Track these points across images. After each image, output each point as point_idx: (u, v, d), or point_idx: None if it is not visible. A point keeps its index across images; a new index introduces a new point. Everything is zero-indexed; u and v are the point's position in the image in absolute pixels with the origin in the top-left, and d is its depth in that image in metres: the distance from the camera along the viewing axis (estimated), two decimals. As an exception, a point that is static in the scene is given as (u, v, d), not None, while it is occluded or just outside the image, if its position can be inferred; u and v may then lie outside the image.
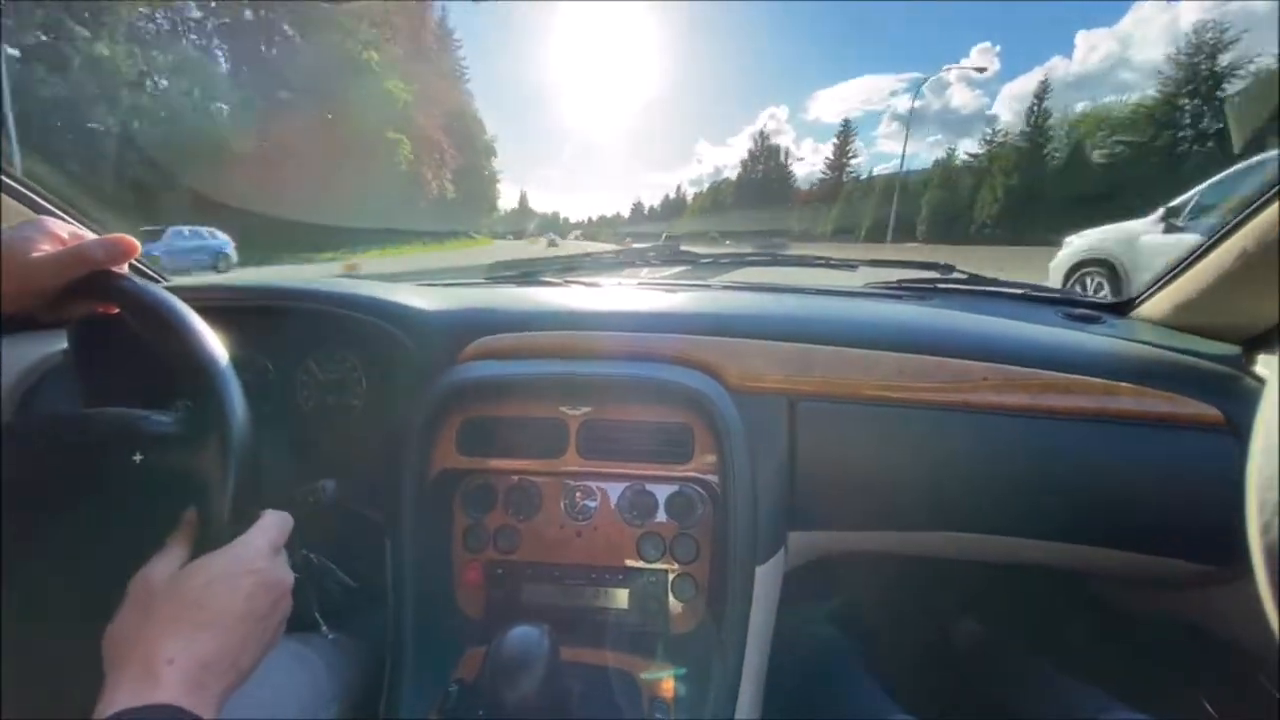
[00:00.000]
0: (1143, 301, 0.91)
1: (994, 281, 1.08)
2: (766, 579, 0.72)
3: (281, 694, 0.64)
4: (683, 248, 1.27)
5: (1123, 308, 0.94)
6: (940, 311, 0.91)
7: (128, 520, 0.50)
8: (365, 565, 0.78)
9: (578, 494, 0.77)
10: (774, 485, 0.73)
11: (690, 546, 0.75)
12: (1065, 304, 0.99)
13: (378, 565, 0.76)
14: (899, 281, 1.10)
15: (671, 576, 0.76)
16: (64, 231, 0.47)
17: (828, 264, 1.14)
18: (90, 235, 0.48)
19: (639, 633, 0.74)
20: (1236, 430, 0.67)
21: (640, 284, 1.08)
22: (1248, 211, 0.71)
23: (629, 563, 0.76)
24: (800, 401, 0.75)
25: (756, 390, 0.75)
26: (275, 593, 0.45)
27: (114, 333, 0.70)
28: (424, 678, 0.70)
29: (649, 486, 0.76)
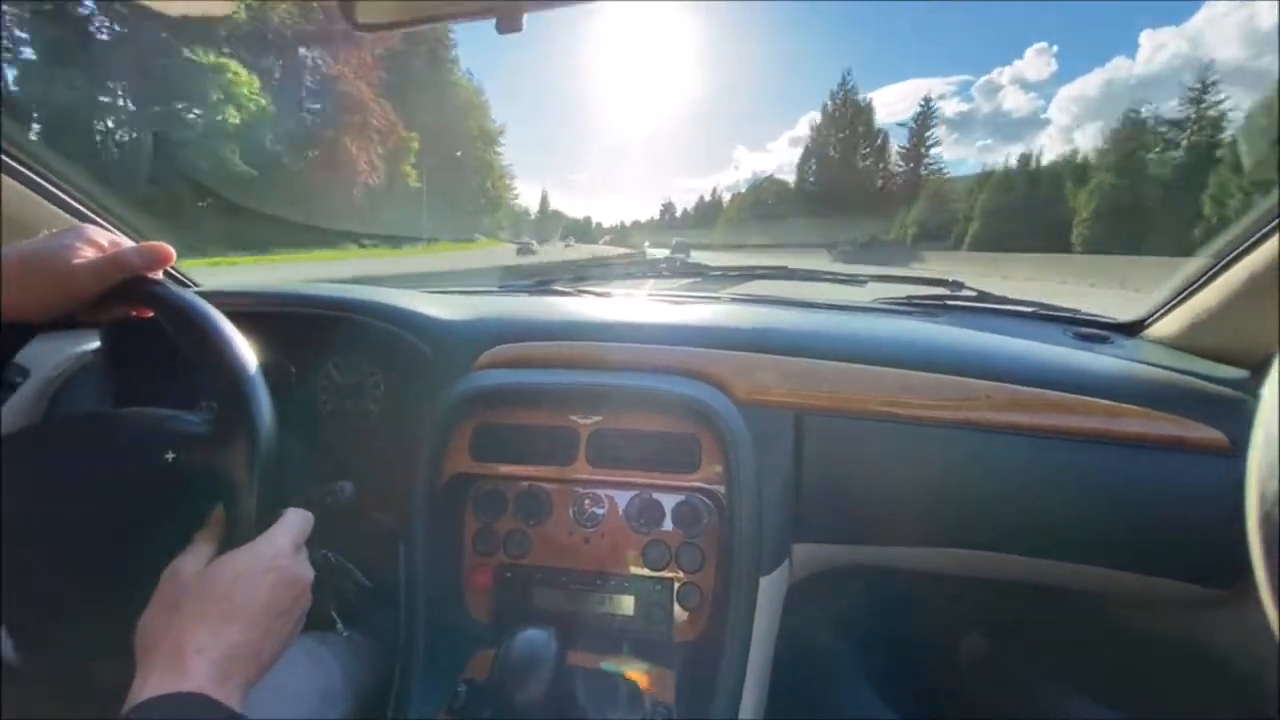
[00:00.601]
0: (1152, 322, 0.91)
1: (1003, 299, 1.08)
2: (770, 589, 0.73)
3: (296, 689, 0.66)
4: (692, 259, 1.29)
5: (1132, 328, 0.94)
6: (947, 329, 0.92)
7: (157, 516, 0.52)
8: (379, 566, 0.80)
9: (586, 501, 0.79)
10: (779, 497, 0.74)
11: (695, 555, 0.77)
12: (1074, 323, 0.99)
13: (391, 566, 0.78)
14: (907, 298, 1.11)
15: (677, 585, 0.77)
16: (104, 239, 0.49)
17: (836, 279, 1.15)
18: (129, 243, 0.51)
19: (644, 639, 0.75)
20: (1241, 455, 0.67)
21: (651, 295, 1.10)
22: (1260, 234, 0.71)
23: (635, 570, 0.77)
24: (806, 415, 0.76)
25: (763, 403, 0.76)
26: (296, 588, 0.47)
27: (146, 335, 0.73)
28: (434, 677, 0.72)
29: (656, 495, 0.78)
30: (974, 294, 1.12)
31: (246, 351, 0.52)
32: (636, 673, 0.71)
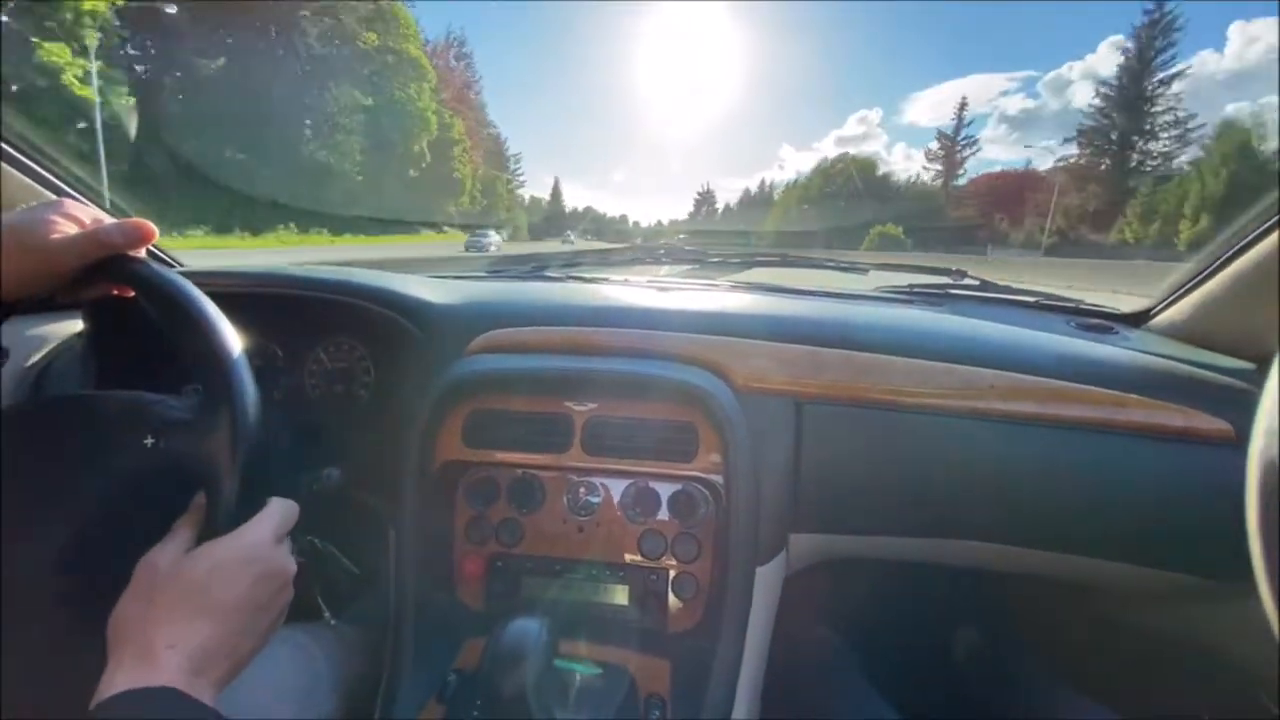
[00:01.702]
0: (1158, 313, 0.90)
1: (1006, 289, 1.07)
2: (767, 580, 0.72)
3: (281, 680, 0.65)
4: (691, 246, 1.27)
5: (1137, 319, 0.93)
6: (949, 317, 0.90)
7: (135, 502, 0.51)
8: (368, 553, 0.78)
9: (581, 489, 0.77)
10: (777, 486, 0.73)
11: (692, 545, 0.75)
12: (1078, 313, 0.98)
13: (380, 553, 0.77)
14: (910, 286, 1.10)
15: (672, 574, 0.76)
16: (84, 214, 0.48)
17: (838, 266, 1.13)
18: (109, 219, 0.49)
19: (638, 630, 0.74)
20: (1246, 446, 0.66)
21: (650, 281, 1.08)
22: (1267, 225, 0.70)
23: (630, 559, 0.76)
24: (806, 404, 0.74)
25: (762, 391, 0.75)
26: (277, 582, 0.46)
27: (128, 316, 0.71)
28: (423, 666, 0.71)
29: (652, 484, 0.76)
30: (977, 283, 1.10)
31: (231, 334, 0.50)
32: (628, 661, 0.70)
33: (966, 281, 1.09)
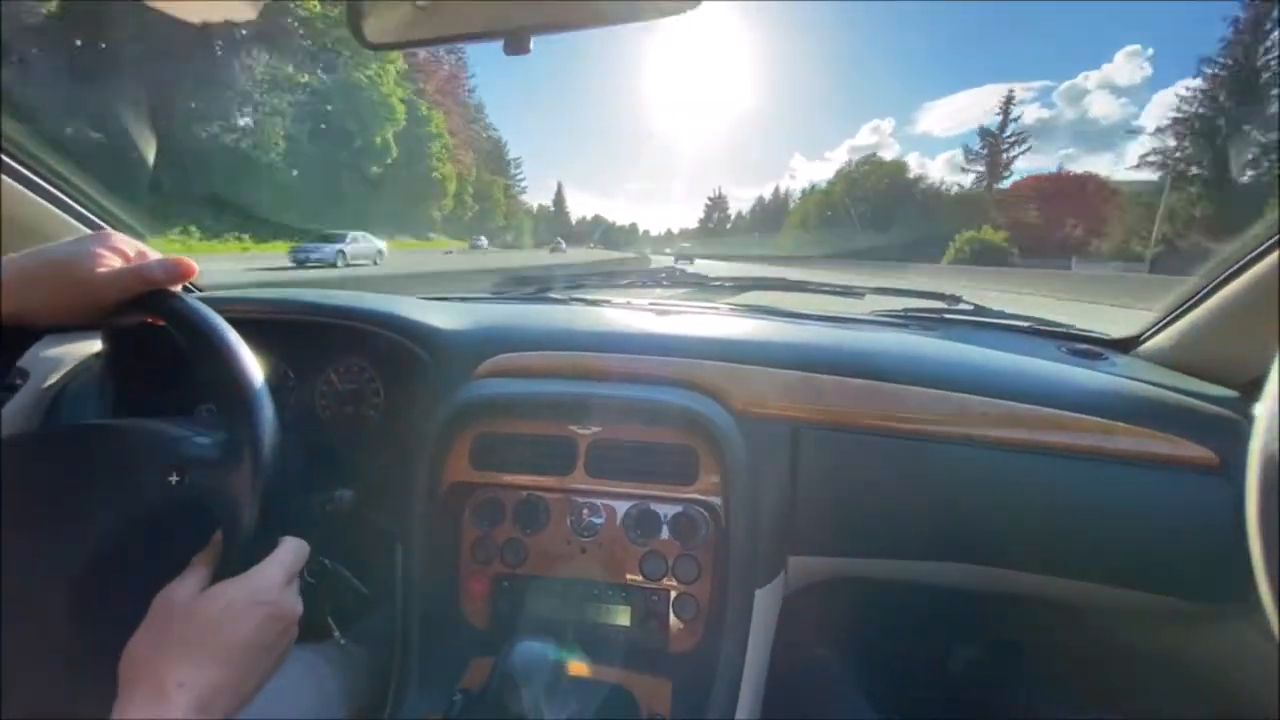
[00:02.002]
0: (1145, 340, 0.92)
1: (999, 314, 1.09)
2: (765, 601, 0.74)
3: (292, 700, 0.66)
4: (691, 270, 1.30)
5: (1126, 345, 0.95)
6: (943, 343, 0.93)
7: (154, 536, 0.52)
8: (376, 573, 0.80)
9: (585, 511, 0.79)
10: (775, 509, 0.75)
11: (692, 567, 0.77)
12: (1069, 339, 1.00)
13: (388, 573, 0.79)
14: (904, 310, 1.12)
15: (673, 595, 0.77)
16: (129, 248, 0.49)
17: (835, 290, 1.16)
18: (154, 254, 0.51)
19: (640, 650, 0.76)
20: (1230, 474, 0.68)
21: (651, 304, 1.11)
22: (1252, 255, 0.72)
23: (632, 580, 0.78)
24: (803, 428, 0.77)
25: (761, 416, 0.77)
26: (284, 624, 0.46)
27: (148, 340, 0.73)
28: (429, 685, 0.72)
29: (654, 506, 0.78)
30: (971, 308, 1.13)
31: (257, 373, 0.51)
32: (630, 682, 0.72)
33: (961, 306, 1.12)
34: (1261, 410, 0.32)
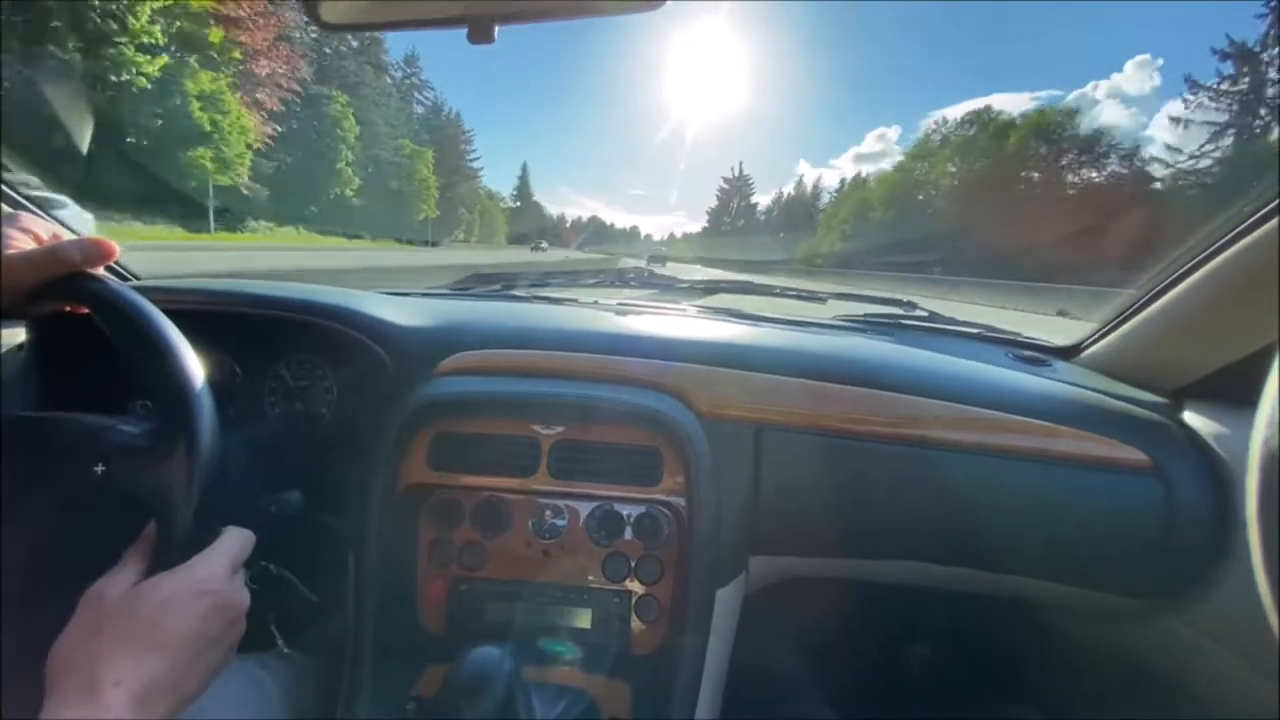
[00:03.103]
0: (1086, 348, 0.97)
1: (951, 320, 1.14)
2: (727, 601, 0.74)
3: (232, 713, 0.63)
4: (659, 271, 1.30)
5: (1067, 353, 1.00)
6: (901, 348, 0.96)
7: (83, 531, 0.49)
8: (326, 578, 0.77)
9: (547, 512, 0.78)
10: (738, 511, 0.75)
11: (655, 568, 0.77)
12: (1015, 345, 1.05)
13: (339, 577, 0.76)
14: (864, 316, 1.15)
15: (635, 597, 0.77)
16: (42, 229, 0.46)
17: (799, 295, 1.18)
18: (68, 234, 0.48)
19: (600, 653, 0.75)
20: (1163, 475, 0.72)
21: (619, 304, 1.10)
22: (1185, 268, 0.77)
23: (594, 583, 0.77)
24: (767, 430, 0.77)
25: (725, 417, 0.77)
26: (229, 615, 0.45)
27: (77, 332, 0.68)
28: (382, 694, 0.70)
29: (617, 507, 0.78)
30: (926, 314, 1.17)
31: (192, 359, 0.49)
32: (590, 686, 0.71)
33: (916, 313, 1.16)
34: (1262, 410, 0.33)
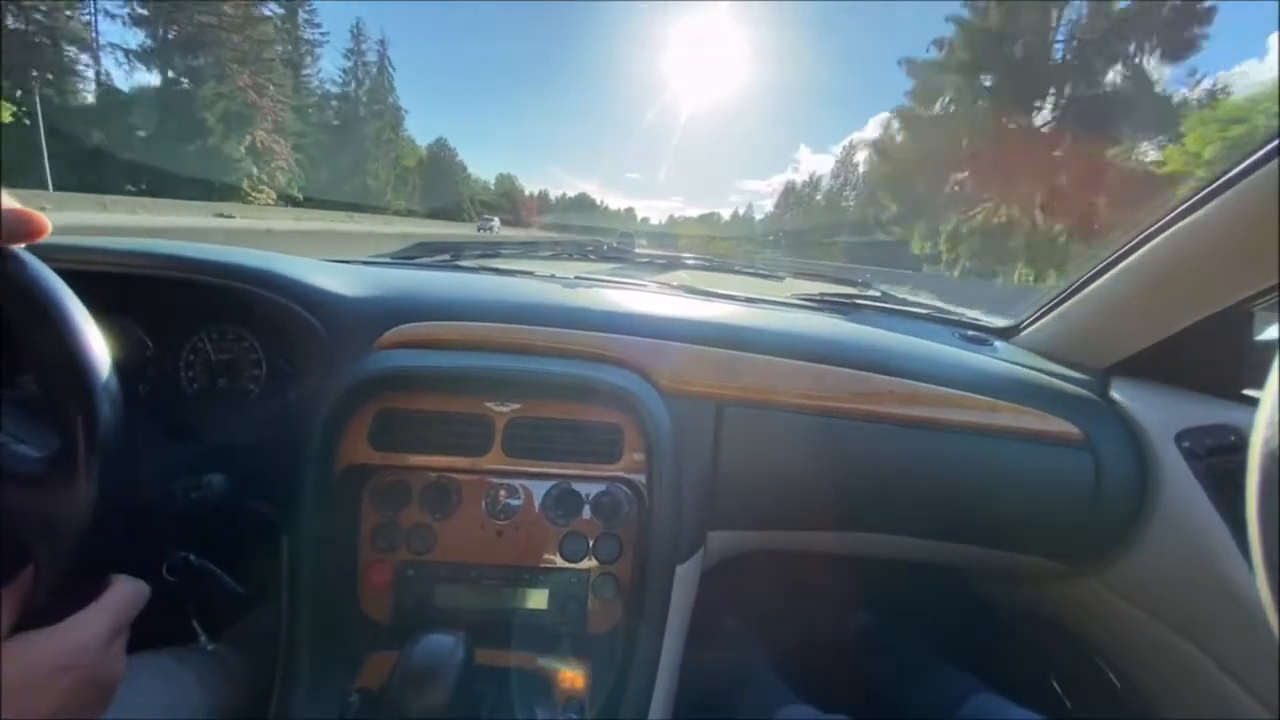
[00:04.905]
0: (1025, 328, 1.02)
1: (903, 301, 1.17)
2: (685, 577, 0.74)
3: (144, 714, 0.57)
4: (619, 245, 1.27)
5: (1008, 333, 1.05)
6: (856, 326, 0.97)
7: None
8: (255, 567, 0.71)
9: (501, 492, 0.75)
10: (697, 486, 0.75)
11: (614, 546, 0.75)
12: (960, 325, 1.09)
13: (270, 566, 0.70)
14: (820, 295, 1.17)
15: (592, 576, 0.75)
16: None
17: (757, 273, 1.18)
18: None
19: (556, 633, 0.73)
20: (1093, 447, 0.77)
21: (576, 278, 1.06)
22: (1115, 255, 0.82)
23: (550, 562, 0.75)
24: (727, 406, 0.77)
25: (686, 393, 0.76)
26: (98, 693, 0.38)
27: None
28: (321, 686, 0.65)
29: (575, 485, 0.75)
30: (878, 294, 1.19)
31: (104, 363, 0.41)
32: (545, 667, 0.69)
33: (870, 293, 1.18)
34: (1262, 409, 0.33)
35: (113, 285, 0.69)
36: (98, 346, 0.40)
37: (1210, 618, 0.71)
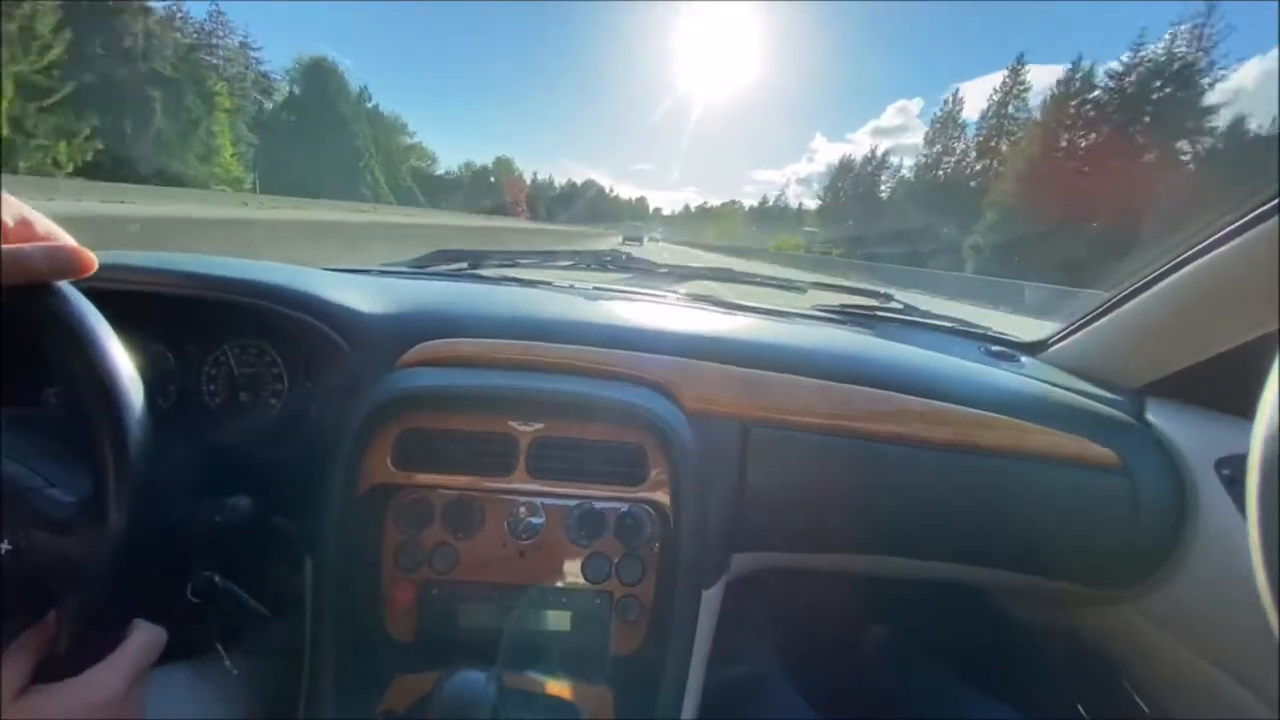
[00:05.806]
0: (1053, 344, 1.00)
1: (926, 314, 1.15)
2: (709, 601, 0.73)
3: None
4: (637, 255, 1.25)
5: (1035, 348, 1.03)
6: (882, 343, 0.96)
7: None
8: (279, 586, 0.70)
9: (523, 510, 0.74)
10: (722, 509, 0.73)
11: (636, 567, 0.74)
12: (986, 340, 1.07)
13: (294, 585, 0.70)
14: (841, 306, 1.15)
15: (616, 597, 0.74)
16: (7, 214, 0.35)
17: (778, 284, 1.16)
18: (42, 223, 0.37)
19: (580, 655, 0.72)
20: (1130, 473, 0.75)
21: (595, 289, 1.05)
22: (1157, 272, 0.79)
23: (573, 583, 0.74)
24: (753, 427, 0.75)
25: (711, 413, 0.75)
26: None
27: None
28: (346, 707, 0.65)
29: (598, 506, 0.74)
30: (901, 306, 1.17)
31: (138, 404, 0.40)
32: (571, 691, 0.68)
33: (892, 304, 1.16)
34: (1262, 410, 0.32)
35: (134, 299, 0.69)
36: (134, 387, 0.39)
37: (1248, 649, 0.69)
